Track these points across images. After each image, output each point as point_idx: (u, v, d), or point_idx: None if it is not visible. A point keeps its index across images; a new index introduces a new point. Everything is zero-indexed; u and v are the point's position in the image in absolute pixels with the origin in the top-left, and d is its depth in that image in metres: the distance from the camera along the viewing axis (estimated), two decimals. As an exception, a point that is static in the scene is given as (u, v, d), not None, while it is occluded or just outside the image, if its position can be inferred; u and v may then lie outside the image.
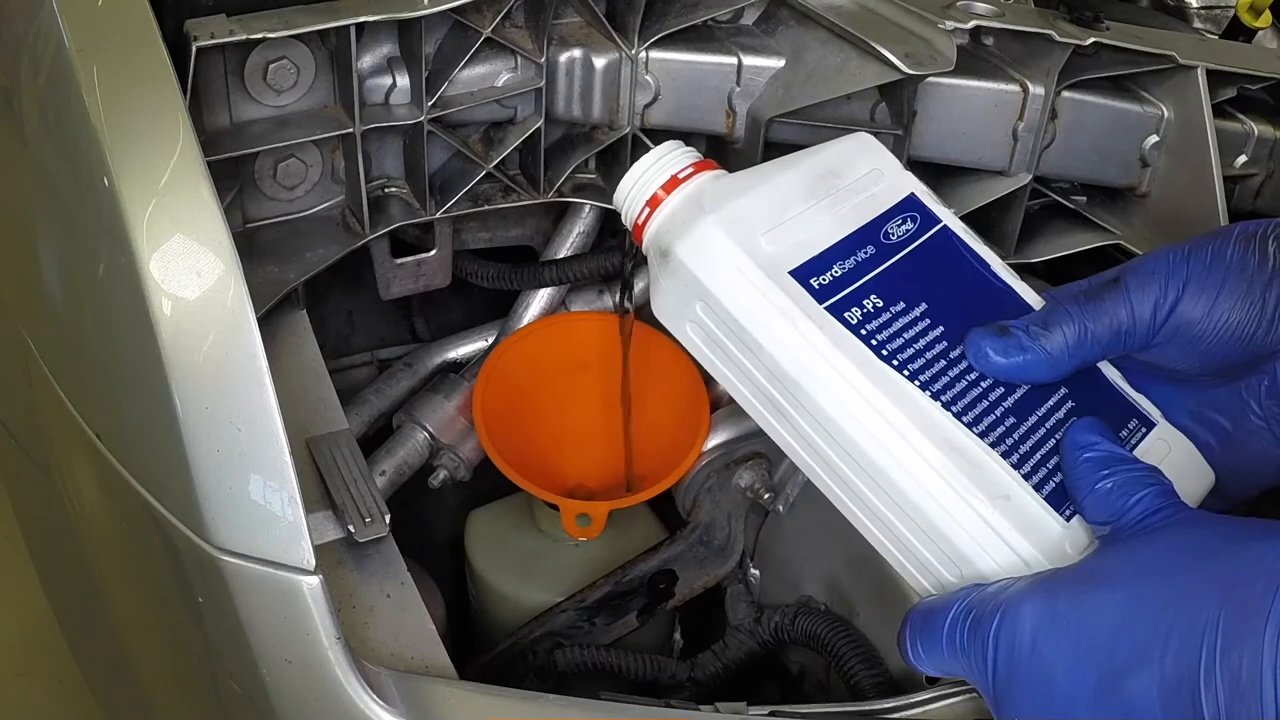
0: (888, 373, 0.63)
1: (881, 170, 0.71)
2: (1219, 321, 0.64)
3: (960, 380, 0.64)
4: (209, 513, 0.65)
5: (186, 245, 0.66)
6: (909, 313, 0.66)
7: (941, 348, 0.65)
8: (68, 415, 0.78)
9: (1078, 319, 0.65)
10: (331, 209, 0.91)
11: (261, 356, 0.64)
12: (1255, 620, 0.51)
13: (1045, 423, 0.65)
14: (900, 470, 0.62)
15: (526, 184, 0.94)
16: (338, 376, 0.94)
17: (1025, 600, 0.58)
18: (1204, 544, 0.56)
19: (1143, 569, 0.56)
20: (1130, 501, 0.60)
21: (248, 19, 0.79)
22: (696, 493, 0.93)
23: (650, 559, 0.92)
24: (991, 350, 0.64)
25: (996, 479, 0.62)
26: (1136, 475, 0.61)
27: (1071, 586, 0.58)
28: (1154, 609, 0.54)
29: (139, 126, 0.69)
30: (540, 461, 0.94)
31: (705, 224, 0.65)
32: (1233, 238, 0.64)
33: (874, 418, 0.62)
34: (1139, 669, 0.54)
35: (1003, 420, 0.64)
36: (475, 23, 0.84)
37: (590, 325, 1.01)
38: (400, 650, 0.71)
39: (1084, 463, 0.62)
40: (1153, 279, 0.64)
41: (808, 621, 0.88)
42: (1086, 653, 0.56)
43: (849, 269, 0.66)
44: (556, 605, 0.90)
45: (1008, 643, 0.58)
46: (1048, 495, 0.63)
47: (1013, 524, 0.61)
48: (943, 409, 0.63)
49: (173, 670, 0.87)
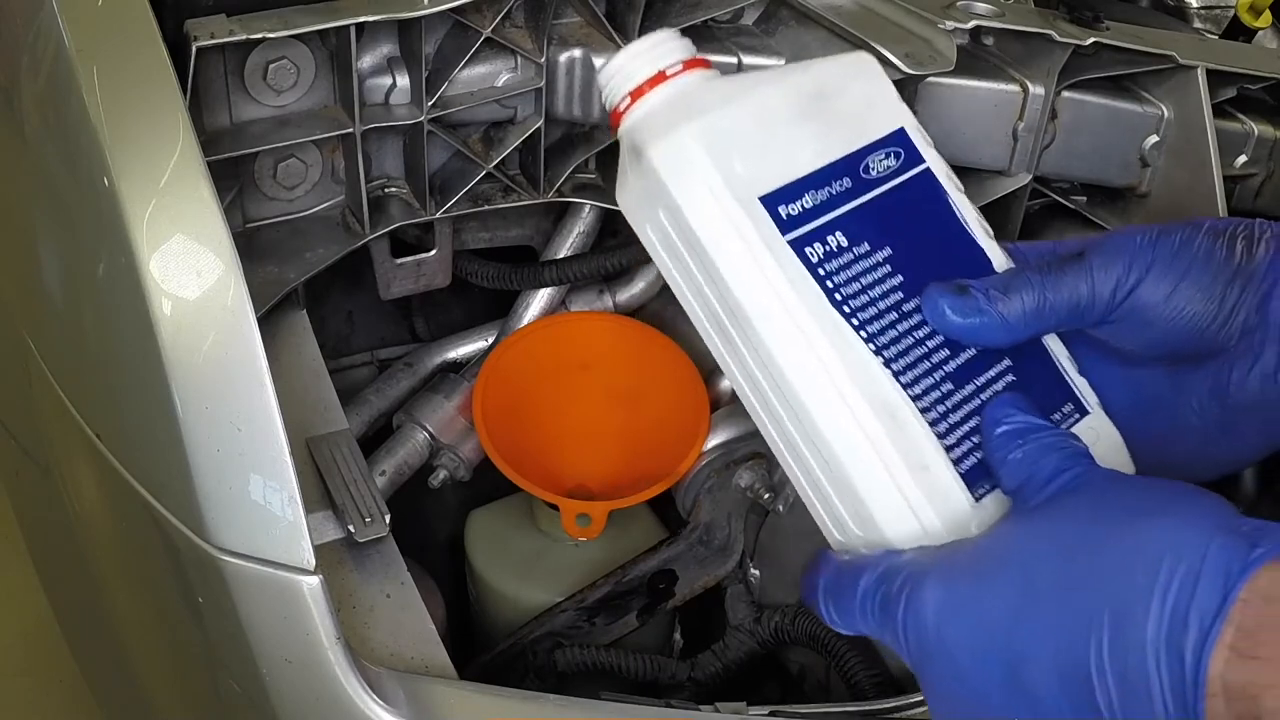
0: (837, 320, 0.62)
1: (875, 97, 0.68)
2: (1176, 309, 0.63)
3: (907, 336, 0.63)
4: (209, 513, 0.65)
5: (186, 245, 0.66)
6: (871, 256, 0.64)
7: (896, 299, 0.64)
8: (68, 415, 0.78)
9: (1038, 288, 0.63)
10: (331, 209, 0.91)
11: (261, 356, 0.64)
12: (1138, 613, 0.50)
13: (981, 394, 0.64)
14: (829, 421, 0.61)
15: (526, 184, 0.94)
16: (338, 376, 0.94)
17: (928, 582, 0.58)
18: (1094, 528, 0.55)
19: (1036, 553, 0.55)
20: (1037, 467, 0.59)
21: (248, 19, 0.78)
22: (696, 493, 0.93)
23: (650, 559, 0.92)
24: (948, 308, 0.63)
25: (919, 447, 0.61)
26: (1047, 442, 0.60)
27: (969, 568, 0.57)
28: (1045, 598, 0.54)
29: (139, 126, 0.69)
30: (540, 461, 0.94)
31: (683, 134, 0.63)
32: (1203, 229, 0.64)
33: (814, 364, 0.61)
34: (1037, 659, 0.53)
35: (940, 385, 0.63)
36: (475, 23, 0.84)
37: (590, 325, 1.01)
38: (400, 650, 0.71)
39: (999, 436, 0.61)
40: (1118, 257, 0.64)
41: (808, 621, 0.88)
42: (987, 640, 0.55)
43: (821, 201, 0.64)
44: (556, 605, 0.90)
45: (915, 626, 0.58)
46: (966, 470, 0.62)
47: (924, 496, 0.61)
48: (883, 365, 0.62)
49: (173, 670, 0.87)
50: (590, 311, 1.04)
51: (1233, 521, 0.52)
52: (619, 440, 0.97)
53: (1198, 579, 0.50)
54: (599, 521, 0.91)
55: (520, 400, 0.96)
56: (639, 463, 0.95)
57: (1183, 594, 0.50)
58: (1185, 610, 0.50)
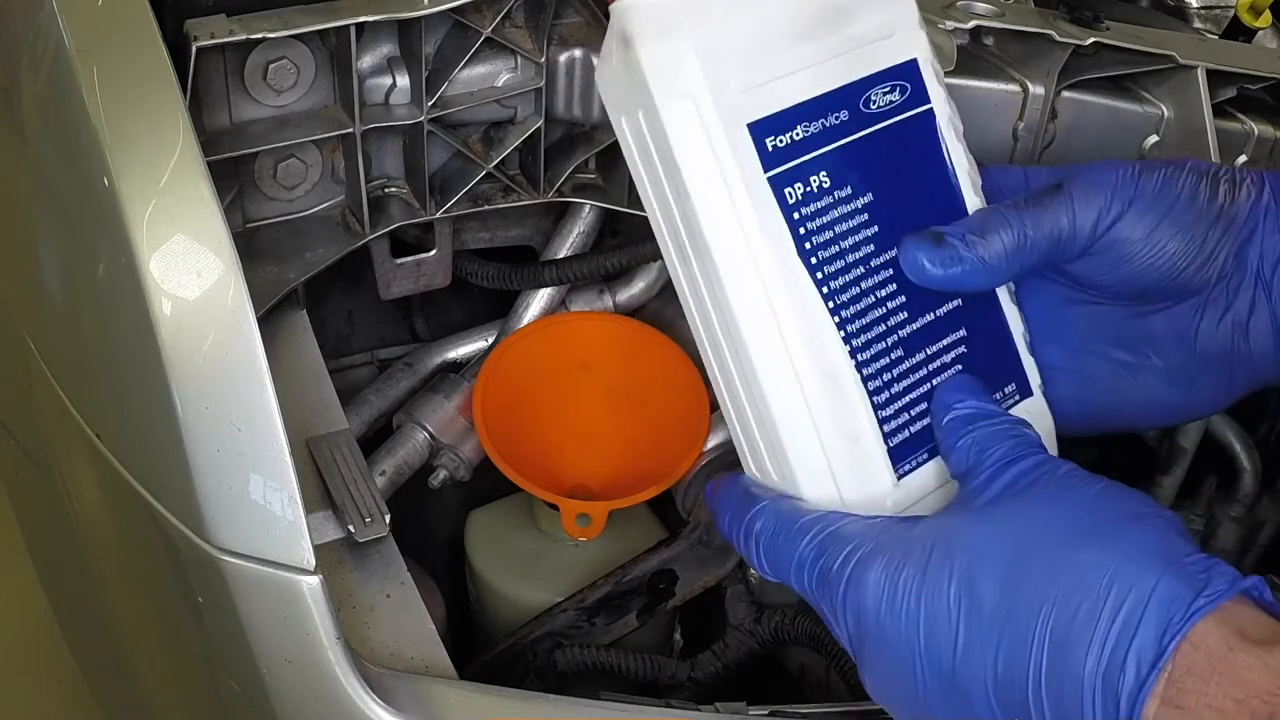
0: (801, 276, 0.59)
1: (895, 22, 0.63)
2: (1156, 247, 0.62)
3: (868, 295, 0.61)
4: (209, 513, 0.65)
5: (186, 245, 0.66)
6: (851, 202, 0.61)
7: (866, 252, 0.61)
8: (68, 415, 0.78)
9: (1017, 225, 0.62)
10: (331, 209, 0.91)
11: (261, 356, 0.64)
12: (1077, 646, 0.50)
13: (930, 363, 0.63)
14: (770, 373, 0.60)
15: (526, 184, 0.94)
16: (338, 376, 0.94)
17: (871, 566, 0.57)
18: (1040, 544, 0.54)
19: (983, 556, 0.54)
20: (986, 455, 0.59)
21: (248, 19, 0.78)
22: (696, 493, 0.93)
23: (650, 559, 0.92)
24: (927, 261, 0.61)
25: (855, 417, 0.60)
26: (997, 429, 0.60)
27: (916, 560, 0.56)
28: (987, 608, 0.53)
29: (139, 126, 0.69)
30: (540, 461, 0.94)
31: (681, 42, 0.57)
32: (1185, 168, 0.63)
33: (767, 315, 0.59)
34: (975, 669, 0.53)
35: (890, 351, 0.61)
36: (475, 23, 0.84)
37: (590, 325, 1.01)
38: (400, 650, 0.71)
39: (950, 422, 0.61)
40: (1099, 190, 0.62)
41: (808, 621, 0.88)
42: (926, 639, 0.54)
43: (813, 133, 0.60)
44: (556, 605, 0.90)
45: (854, 610, 0.57)
46: (895, 445, 0.61)
47: (849, 467, 0.60)
48: (837, 329, 0.60)
49: (173, 670, 0.87)
50: (590, 311, 1.04)
51: (1182, 555, 0.51)
52: (619, 440, 0.97)
53: (1138, 623, 0.49)
54: (599, 521, 0.91)
55: (520, 400, 0.96)
56: (639, 463, 0.95)
57: (1124, 635, 0.50)
58: (1124, 654, 0.49)
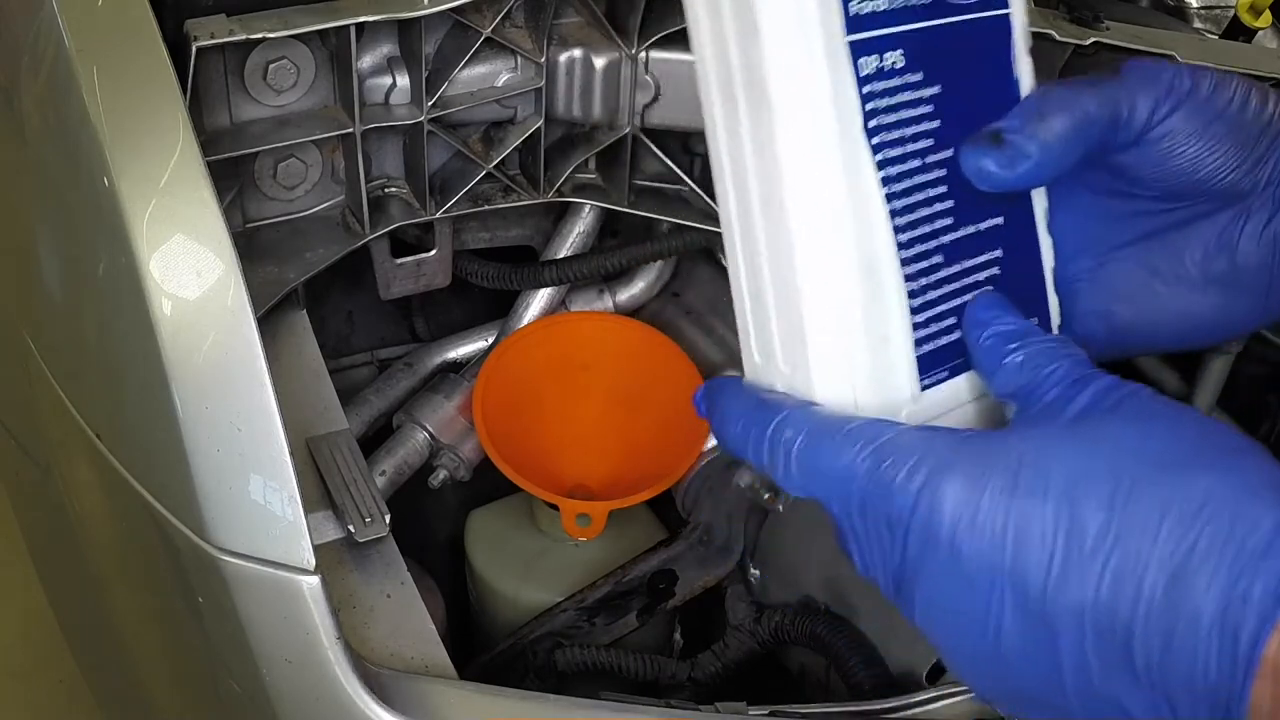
0: (862, 150, 0.55)
1: None
2: (1208, 142, 0.60)
3: (920, 192, 0.57)
4: (209, 513, 0.65)
5: (186, 245, 0.66)
6: (919, 89, 0.57)
7: (926, 145, 0.57)
8: (68, 415, 0.78)
9: (1075, 105, 0.59)
10: (331, 209, 0.91)
11: (261, 356, 0.64)
12: (1195, 580, 0.48)
13: (965, 278, 0.59)
14: (807, 254, 0.55)
15: (526, 184, 0.94)
16: (338, 376, 0.94)
17: (947, 483, 0.52)
18: (1148, 466, 0.51)
19: (1081, 477, 0.51)
20: (1044, 373, 0.56)
21: (248, 19, 0.78)
22: (696, 493, 0.93)
23: (650, 559, 0.92)
24: (993, 164, 0.58)
25: (888, 318, 0.56)
26: (1048, 347, 0.57)
27: (999, 478, 0.51)
28: (1089, 532, 0.50)
29: (139, 126, 0.69)
30: (540, 461, 0.94)
31: None
32: (1234, 78, 0.61)
33: (818, 189, 0.55)
34: (1068, 592, 0.50)
35: (931, 255, 0.58)
36: (475, 23, 0.84)
37: (590, 325, 1.01)
38: (400, 650, 0.71)
39: (990, 338, 0.58)
40: (1155, 81, 0.60)
41: (808, 621, 0.88)
42: (1014, 561, 0.50)
43: (897, 7, 0.56)
44: (556, 605, 0.90)
45: (923, 527, 0.52)
46: (922, 355, 0.57)
47: (870, 370, 0.56)
48: (887, 218, 0.56)
49: (173, 670, 0.87)
50: (590, 311, 1.04)
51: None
52: (619, 440, 0.97)
53: (1262, 555, 0.47)
54: (599, 521, 0.91)
55: (520, 400, 0.96)
56: (639, 463, 0.95)
57: (1246, 570, 0.47)
58: (1246, 589, 0.47)
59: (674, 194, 0.97)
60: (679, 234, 0.97)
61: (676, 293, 1.08)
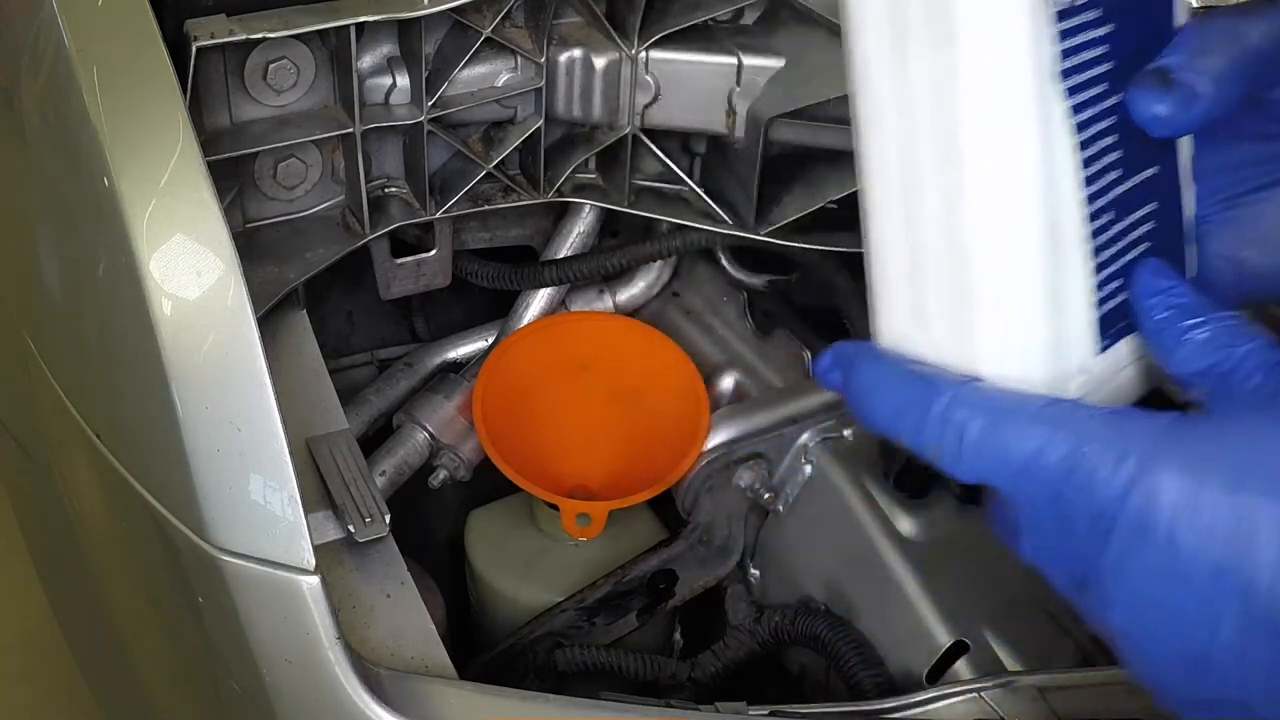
0: (1055, 96, 0.50)
1: None
2: None
3: (1099, 140, 0.52)
4: (209, 513, 0.65)
5: (186, 245, 0.66)
6: (1097, 27, 0.52)
7: (1101, 90, 0.52)
8: (68, 415, 0.78)
9: (1239, 35, 0.54)
10: (331, 209, 0.91)
11: (261, 356, 0.64)
12: None
13: (1129, 234, 0.54)
14: (986, 214, 0.50)
15: (526, 184, 0.94)
16: (338, 376, 0.94)
17: (1163, 474, 0.48)
18: None
19: None
20: (1237, 355, 0.52)
21: (248, 19, 0.79)
22: (696, 493, 0.93)
23: (650, 559, 0.92)
24: (1165, 108, 0.53)
25: (1068, 286, 0.51)
26: (1231, 325, 0.53)
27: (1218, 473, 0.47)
28: None
29: (139, 126, 0.69)
30: (540, 461, 0.94)
31: None
32: None
33: (1005, 141, 0.50)
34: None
35: (1106, 211, 0.52)
36: (475, 23, 0.84)
37: (590, 325, 1.01)
38: (400, 650, 0.71)
39: (1168, 311, 0.54)
40: None
41: (808, 621, 0.88)
42: (1236, 561, 0.46)
43: None
44: (556, 605, 0.90)
45: (1133, 524, 0.48)
46: (1103, 315, 0.53)
47: (1045, 340, 0.51)
48: (1078, 169, 0.51)
49: (173, 670, 0.87)
50: (590, 311, 1.04)
51: None
52: (619, 440, 0.97)
53: None
54: (599, 521, 0.91)
55: (520, 400, 0.96)
56: (639, 463, 0.95)
57: None
58: None
59: (674, 194, 0.97)
60: (679, 234, 0.97)
61: (676, 293, 1.08)
